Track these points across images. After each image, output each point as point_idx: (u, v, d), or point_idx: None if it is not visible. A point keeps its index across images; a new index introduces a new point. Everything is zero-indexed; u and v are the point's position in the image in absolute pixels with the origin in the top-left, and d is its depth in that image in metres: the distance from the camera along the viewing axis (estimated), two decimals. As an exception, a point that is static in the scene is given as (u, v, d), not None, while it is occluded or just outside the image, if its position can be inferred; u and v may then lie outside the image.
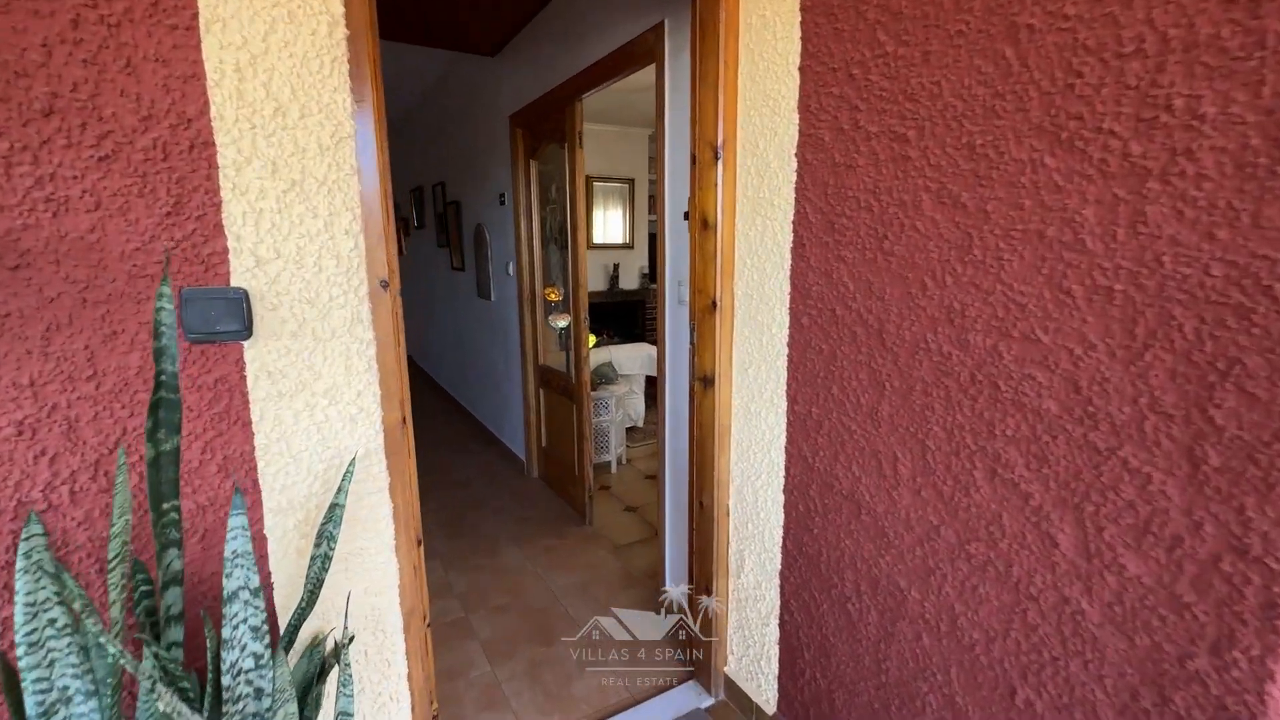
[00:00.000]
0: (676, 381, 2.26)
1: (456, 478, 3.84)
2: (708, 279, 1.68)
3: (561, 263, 3.51)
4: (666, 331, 2.30)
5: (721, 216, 1.63)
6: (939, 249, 1.14)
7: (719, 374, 1.70)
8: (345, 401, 1.12)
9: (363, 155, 1.11)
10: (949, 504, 1.18)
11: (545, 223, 3.56)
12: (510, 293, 3.83)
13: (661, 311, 2.32)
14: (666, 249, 2.25)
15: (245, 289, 1.00)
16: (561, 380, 3.33)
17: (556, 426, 3.49)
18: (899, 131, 1.19)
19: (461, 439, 4.58)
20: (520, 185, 3.48)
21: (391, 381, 1.20)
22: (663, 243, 2.25)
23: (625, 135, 6.64)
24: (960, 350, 1.12)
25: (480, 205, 4.25)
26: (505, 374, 4.14)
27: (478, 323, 4.67)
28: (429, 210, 5.76)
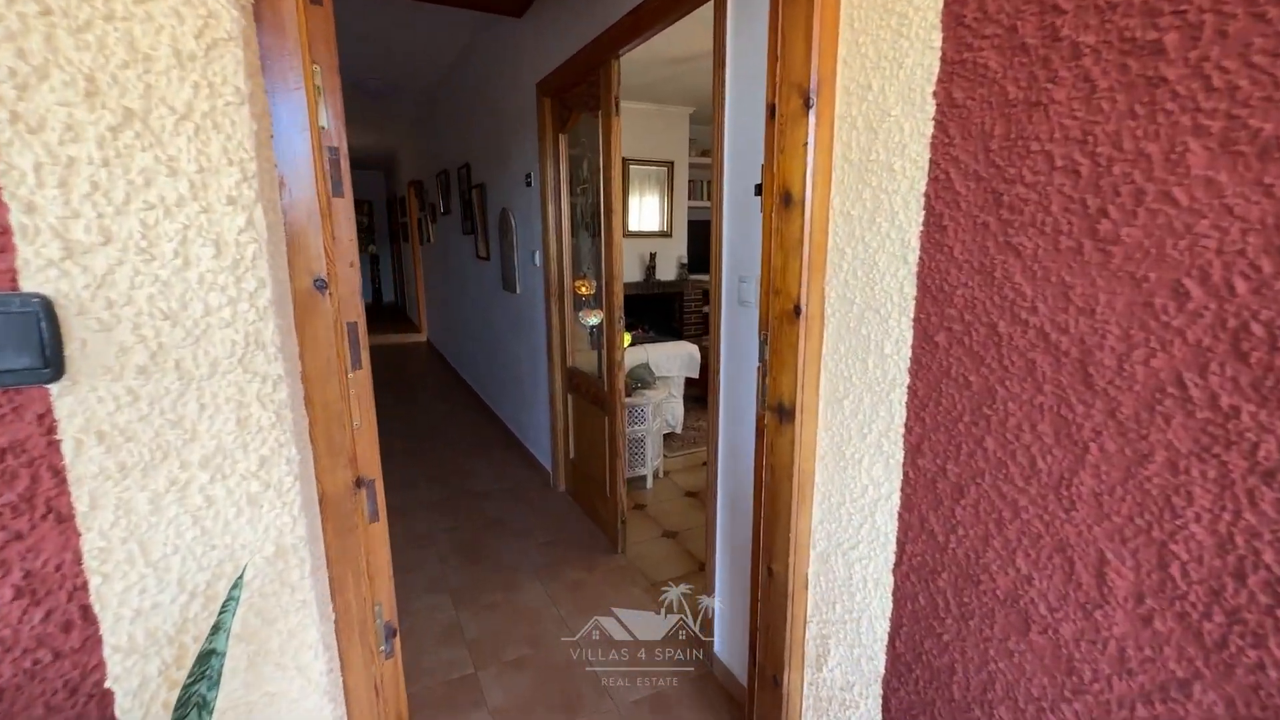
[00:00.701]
0: (736, 405, 1.82)
1: (476, 487, 3.48)
2: (788, 275, 1.24)
3: (593, 251, 3.10)
4: (722, 341, 1.86)
5: (811, 189, 1.18)
6: (1220, 235, 0.67)
7: (800, 404, 1.26)
8: (240, 474, 0.73)
9: (270, 73, 0.70)
10: (1210, 649, 0.72)
11: (576, 207, 3.15)
12: (536, 284, 3.43)
13: (715, 314, 1.87)
14: (724, 234, 1.80)
15: (46, 295, 0.60)
16: (592, 387, 2.92)
17: (586, 438, 3.09)
18: (1139, 39, 0.72)
19: (484, 441, 4.23)
20: (548, 163, 3.06)
21: (334, 431, 0.80)
22: (719, 226, 1.81)
23: (663, 114, 6.16)
24: (1260, 408, 0.66)
25: (506, 187, 3.86)
26: (530, 374, 3.76)
27: (502, 316, 4.30)
28: (454, 195, 5.40)
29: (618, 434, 2.66)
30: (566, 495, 3.37)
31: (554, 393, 3.31)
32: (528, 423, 3.92)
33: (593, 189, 3.01)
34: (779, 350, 1.29)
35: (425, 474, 3.68)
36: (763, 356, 1.35)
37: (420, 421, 4.73)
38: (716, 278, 1.84)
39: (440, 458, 3.95)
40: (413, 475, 3.66)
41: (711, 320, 1.90)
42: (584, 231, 3.03)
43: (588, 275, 3.16)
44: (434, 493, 3.41)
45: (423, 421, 4.73)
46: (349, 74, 4.75)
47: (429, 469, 3.78)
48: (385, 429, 4.52)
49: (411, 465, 3.84)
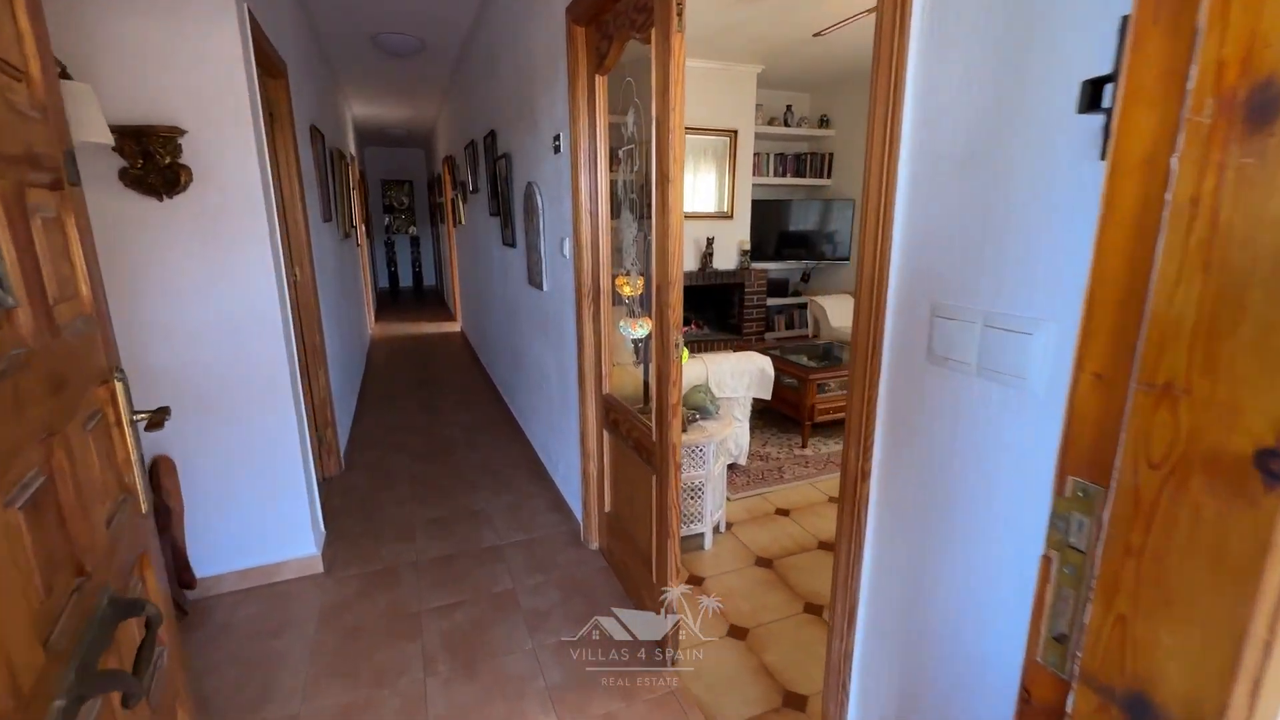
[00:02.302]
0: (914, 589, 0.98)
1: (489, 539, 2.75)
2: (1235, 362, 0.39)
3: (641, 238, 2.27)
4: (880, 436, 1.02)
5: None
6: None
7: None
8: None
9: None
10: None
11: (617, 182, 2.32)
12: (566, 281, 2.63)
13: (868, 374, 1.03)
14: (901, 222, 0.95)
15: None
16: (636, 428, 2.11)
17: (626, 491, 2.30)
18: None
19: (507, 468, 3.50)
20: (580, 119, 2.24)
21: None
22: (884, 191, 0.96)
23: (726, 74, 5.22)
24: None
25: (532, 156, 3.06)
26: (560, 395, 2.98)
27: (529, 319, 3.53)
28: (481, 169, 4.65)
29: (669, 504, 1.85)
30: (600, 556, 2.60)
31: (585, 427, 2.52)
32: (557, 453, 3.16)
33: (640, 153, 2.17)
34: (1159, 555, 0.44)
35: (429, 517, 2.98)
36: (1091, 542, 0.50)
37: (438, 437, 4.05)
38: (875, 295, 1.00)
39: (451, 492, 3.24)
40: (413, 520, 2.96)
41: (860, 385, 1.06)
42: (628, 212, 2.21)
43: (631, 270, 2.34)
44: (434, 546, 2.70)
45: (441, 437, 4.04)
46: (365, 26, 4.04)
47: (435, 507, 3.07)
48: (397, 446, 3.84)
49: (415, 504, 3.14)
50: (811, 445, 3.80)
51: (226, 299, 2.18)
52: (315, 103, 3.94)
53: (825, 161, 6.40)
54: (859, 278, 1.04)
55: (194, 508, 2.30)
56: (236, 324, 2.21)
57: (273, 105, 2.92)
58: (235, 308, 2.20)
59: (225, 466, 2.31)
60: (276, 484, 2.40)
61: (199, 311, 2.16)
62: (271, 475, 2.38)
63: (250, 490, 2.36)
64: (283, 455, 2.38)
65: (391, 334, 7.73)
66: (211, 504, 2.32)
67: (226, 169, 2.11)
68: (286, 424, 2.36)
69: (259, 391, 2.29)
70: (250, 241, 2.18)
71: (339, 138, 5.38)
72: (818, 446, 3.79)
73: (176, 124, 2.01)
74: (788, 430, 4.07)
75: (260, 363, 2.27)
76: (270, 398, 2.31)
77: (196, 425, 2.23)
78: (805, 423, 3.73)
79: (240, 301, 2.20)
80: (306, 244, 3.14)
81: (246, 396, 2.28)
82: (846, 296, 5.60)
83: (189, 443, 2.24)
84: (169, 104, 2.00)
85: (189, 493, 2.28)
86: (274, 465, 2.38)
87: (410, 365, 6.11)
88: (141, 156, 1.95)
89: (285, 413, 2.35)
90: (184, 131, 2.03)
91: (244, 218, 2.16)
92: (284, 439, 2.37)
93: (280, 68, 2.87)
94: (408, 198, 11.72)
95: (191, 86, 2.02)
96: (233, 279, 2.18)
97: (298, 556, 2.48)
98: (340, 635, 2.12)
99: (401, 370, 5.92)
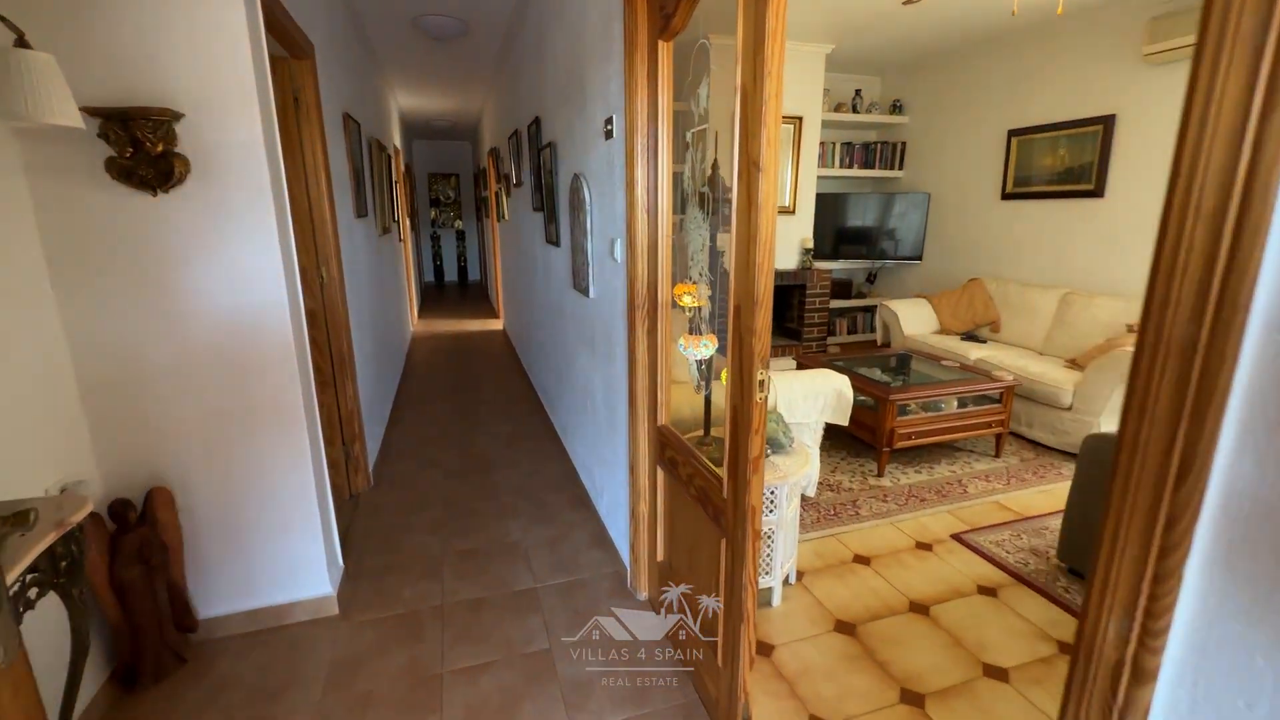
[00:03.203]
0: None
1: (522, 579, 2.42)
2: None
3: (711, 237, 1.88)
4: (1190, 609, 0.58)
5: None
6: None
7: None
8: None
9: None
10: None
11: (682, 175, 1.93)
12: (617, 289, 2.27)
13: (1175, 457, 0.60)
14: None
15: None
16: (700, 478, 1.72)
17: (685, 546, 1.92)
18: None
19: (548, 490, 3.17)
20: (638, 95, 1.87)
21: None
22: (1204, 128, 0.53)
23: (792, 55, 4.73)
24: None
25: (580, 143, 2.70)
26: (606, 415, 2.63)
27: (574, 327, 3.19)
28: (525, 160, 4.33)
29: (744, 582, 1.46)
30: (649, 607, 2.23)
31: (635, 460, 2.15)
32: (602, 480, 2.80)
33: (712, 139, 1.77)
34: None
35: (460, 548, 2.68)
36: None
37: (475, 450, 3.76)
38: (1203, 345, 0.58)
39: (485, 518, 2.93)
40: (442, 553, 2.66)
41: (1128, 493, 0.64)
42: (697, 209, 1.82)
43: (700, 280, 1.95)
44: (463, 588, 2.39)
45: (477, 451, 3.75)
46: (405, 7, 3.75)
47: (467, 537, 2.77)
48: (430, 460, 3.57)
49: (445, 531, 2.85)
50: (889, 474, 3.34)
51: (230, 309, 1.90)
52: (350, 89, 3.68)
53: (897, 152, 5.83)
54: (1166, 299, 0.62)
55: (196, 541, 2.04)
56: (241, 337, 1.94)
57: (298, 89, 2.65)
58: (239, 319, 1.92)
59: (230, 495, 2.04)
60: (287, 515, 2.12)
61: (199, 323, 1.89)
62: (282, 505, 2.11)
63: (258, 522, 2.09)
64: (294, 482, 2.10)
65: (433, 331, 7.55)
66: (215, 537, 2.06)
67: (230, 160, 1.83)
68: (298, 448, 2.08)
69: (267, 411, 2.01)
70: (257, 243, 1.89)
71: (380, 128, 5.16)
72: (896, 476, 3.32)
73: (170, 106, 1.72)
74: (859, 454, 3.61)
75: (269, 380, 1.99)
76: (279, 418, 2.03)
77: (198, 449, 1.97)
78: (883, 449, 3.27)
79: (245, 312, 1.92)
80: (334, 243, 2.87)
81: (253, 417, 2.00)
82: (922, 302, 5.06)
83: (189, 469, 1.98)
84: (162, 83, 1.72)
85: (190, 525, 2.02)
86: (284, 494, 2.10)
87: (450, 366, 5.88)
88: (130, 144, 1.67)
89: (296, 435, 2.06)
90: (180, 115, 1.74)
91: (249, 215, 1.87)
92: (295, 465, 2.09)
93: (305, 48, 2.59)
94: (454, 191, 11.60)
95: (189, 63, 1.73)
96: (236, 287, 1.89)
97: (310, 596, 2.20)
98: (348, 705, 1.82)
99: (441, 372, 5.69)
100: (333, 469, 3.03)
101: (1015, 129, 4.65)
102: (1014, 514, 2.94)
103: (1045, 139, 4.44)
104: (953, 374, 3.66)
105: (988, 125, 4.90)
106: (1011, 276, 4.78)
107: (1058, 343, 4.15)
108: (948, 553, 2.62)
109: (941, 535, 2.75)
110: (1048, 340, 4.25)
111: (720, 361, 1.77)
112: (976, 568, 2.51)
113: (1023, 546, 2.65)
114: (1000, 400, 3.50)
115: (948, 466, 3.46)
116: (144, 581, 1.85)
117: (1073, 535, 2.45)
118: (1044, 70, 4.41)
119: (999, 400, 3.51)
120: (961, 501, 3.05)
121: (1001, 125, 4.77)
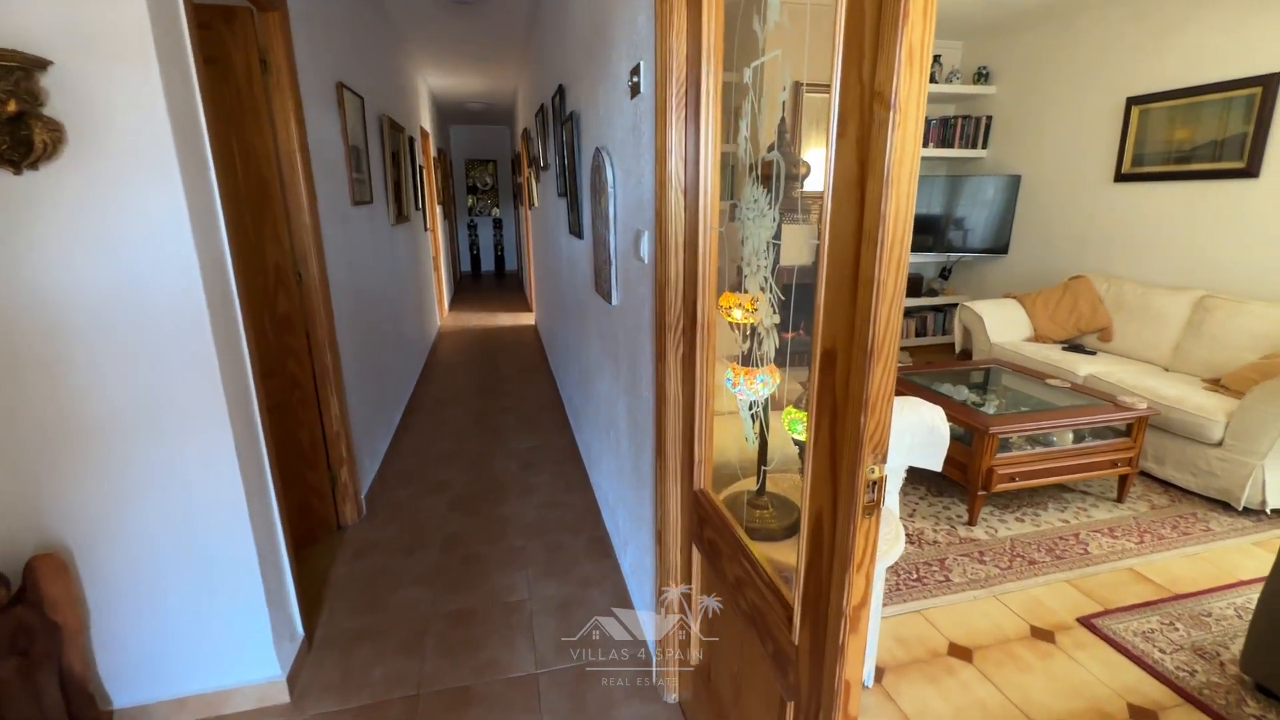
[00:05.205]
0: None
1: (522, 661, 1.92)
2: None
3: (776, 233, 1.30)
4: None
5: None
6: None
7: None
8: None
9: None
10: None
11: (732, 134, 1.35)
12: (644, 296, 1.72)
13: None
14: None
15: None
16: (753, 589, 1.16)
17: (729, 670, 1.37)
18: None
19: (565, 533, 2.67)
20: (672, 30, 1.30)
21: None
22: None
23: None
24: None
25: (602, 108, 2.15)
26: (631, 454, 2.09)
27: (596, 337, 2.66)
28: (550, 138, 3.81)
29: None
30: (679, 713, 1.70)
31: (664, 529, 1.61)
32: (627, 531, 2.27)
33: (763, 95, 1.19)
34: None
35: (451, 608, 2.21)
36: None
37: (488, 473, 3.29)
38: None
39: (487, 566, 2.45)
40: (429, 614, 2.19)
41: None
42: (757, 187, 1.24)
43: (763, 292, 1.37)
44: (447, 670, 1.92)
45: (491, 473, 3.28)
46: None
47: (463, 593, 2.30)
48: (436, 485, 3.11)
49: (438, 583, 2.38)
50: (983, 522, 2.69)
51: (123, 321, 1.45)
52: (350, 56, 3.22)
53: (980, 127, 5.03)
54: None
55: (107, 614, 1.61)
56: (136, 351, 1.48)
57: (265, 49, 2.18)
58: (141, 335, 1.46)
59: (142, 552, 1.60)
60: (216, 576, 1.67)
61: (85, 339, 1.44)
62: (209, 562, 1.66)
63: (179, 587, 1.65)
64: (224, 534, 1.64)
65: (462, 325, 7.16)
66: (129, 608, 1.63)
67: (125, 127, 1.36)
68: (227, 490, 1.62)
69: (181, 444, 1.56)
70: (154, 234, 1.42)
71: (397, 106, 4.71)
72: (992, 526, 2.67)
73: (21, 48, 1.26)
74: (941, 491, 2.97)
75: (179, 404, 1.53)
76: (199, 452, 1.57)
77: (97, 495, 1.53)
78: (977, 493, 2.63)
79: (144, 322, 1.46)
80: (314, 235, 2.42)
81: (165, 451, 1.55)
82: (1012, 303, 4.31)
83: (87, 524, 1.55)
84: (18, 21, 1.26)
85: (99, 595, 1.60)
86: (213, 547, 1.65)
87: (475, 365, 5.45)
88: (-28, 103, 1.22)
89: (222, 474, 1.60)
90: (44, 62, 1.28)
91: (146, 196, 1.40)
92: (223, 512, 1.63)
93: (270, -5, 2.12)
94: (491, 178, 11.21)
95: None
96: (127, 299, 1.43)
97: (253, 682, 1.75)
98: None
99: (464, 371, 5.26)
100: (317, 498, 2.61)
101: (1137, 96, 3.84)
102: (1159, 589, 2.26)
103: (1180, 107, 3.62)
104: (1064, 396, 2.97)
105: (1100, 93, 4.09)
106: (1127, 274, 3.99)
107: (1192, 357, 3.37)
108: (1076, 646, 1.98)
109: (1064, 618, 2.11)
110: (1177, 353, 3.47)
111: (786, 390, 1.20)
112: (1121, 674, 1.87)
113: (1181, 643, 1.99)
114: (1129, 433, 2.79)
115: (1057, 513, 2.78)
116: (20, 678, 1.43)
117: (1264, 638, 1.78)
118: (1181, 23, 3.59)
119: (1127, 433, 2.80)
120: (1083, 567, 2.39)
121: (1119, 92, 3.96)
